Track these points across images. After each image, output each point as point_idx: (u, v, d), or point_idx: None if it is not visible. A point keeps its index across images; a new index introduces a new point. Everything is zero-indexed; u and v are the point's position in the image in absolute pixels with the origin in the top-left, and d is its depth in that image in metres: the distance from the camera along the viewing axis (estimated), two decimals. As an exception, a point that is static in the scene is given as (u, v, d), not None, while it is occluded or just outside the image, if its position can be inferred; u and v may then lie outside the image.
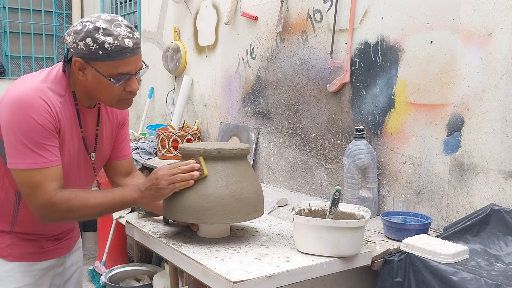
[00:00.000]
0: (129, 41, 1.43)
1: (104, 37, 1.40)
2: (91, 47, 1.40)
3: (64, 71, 1.51)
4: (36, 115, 1.39)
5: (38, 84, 1.44)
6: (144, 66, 1.53)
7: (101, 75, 1.44)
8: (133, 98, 1.57)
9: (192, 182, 1.49)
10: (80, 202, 1.45)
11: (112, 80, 1.45)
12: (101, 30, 1.40)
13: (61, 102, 1.47)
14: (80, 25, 1.43)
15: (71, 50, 1.46)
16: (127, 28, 1.45)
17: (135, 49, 1.46)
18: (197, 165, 1.50)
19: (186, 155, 1.60)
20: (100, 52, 1.41)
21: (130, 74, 1.47)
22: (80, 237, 1.84)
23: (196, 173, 1.49)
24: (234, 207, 1.51)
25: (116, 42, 1.41)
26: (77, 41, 1.42)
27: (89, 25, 1.41)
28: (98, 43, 1.40)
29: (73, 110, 1.52)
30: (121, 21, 1.46)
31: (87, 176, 1.64)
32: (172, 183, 1.47)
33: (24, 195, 1.46)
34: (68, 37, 1.45)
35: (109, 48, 1.40)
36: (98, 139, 1.63)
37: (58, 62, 1.56)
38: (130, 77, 1.48)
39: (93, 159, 1.62)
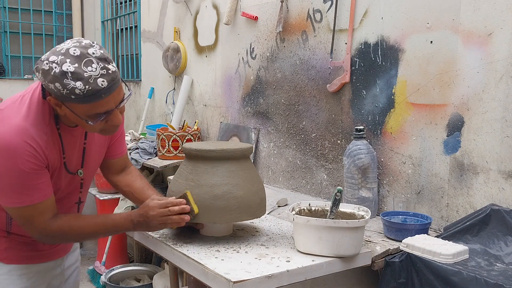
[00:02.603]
0: (103, 81, 1.28)
1: (74, 83, 1.25)
2: (61, 91, 1.27)
3: (44, 97, 1.40)
4: (22, 162, 1.32)
5: (20, 124, 1.34)
6: (125, 95, 1.40)
7: (77, 116, 1.35)
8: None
9: (183, 224, 1.52)
10: (74, 232, 1.49)
11: (89, 122, 1.35)
12: (69, 74, 1.25)
13: (47, 132, 1.40)
14: (46, 64, 1.28)
15: (43, 86, 1.34)
16: (100, 62, 1.29)
17: (111, 86, 1.31)
18: (188, 207, 1.51)
19: (188, 155, 1.60)
20: (72, 97, 1.28)
21: (109, 110, 1.36)
22: None
23: (187, 217, 1.51)
24: (236, 207, 1.51)
25: (87, 86, 1.26)
26: (46, 82, 1.29)
27: (55, 68, 1.26)
28: (68, 89, 1.26)
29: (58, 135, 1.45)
30: (93, 53, 1.29)
31: (75, 192, 1.61)
32: (163, 223, 1.51)
33: (19, 224, 1.47)
34: (37, 73, 1.32)
35: (81, 94, 1.27)
36: (85, 154, 1.56)
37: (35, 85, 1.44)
38: (111, 112, 1.37)
39: (81, 175, 1.57)
